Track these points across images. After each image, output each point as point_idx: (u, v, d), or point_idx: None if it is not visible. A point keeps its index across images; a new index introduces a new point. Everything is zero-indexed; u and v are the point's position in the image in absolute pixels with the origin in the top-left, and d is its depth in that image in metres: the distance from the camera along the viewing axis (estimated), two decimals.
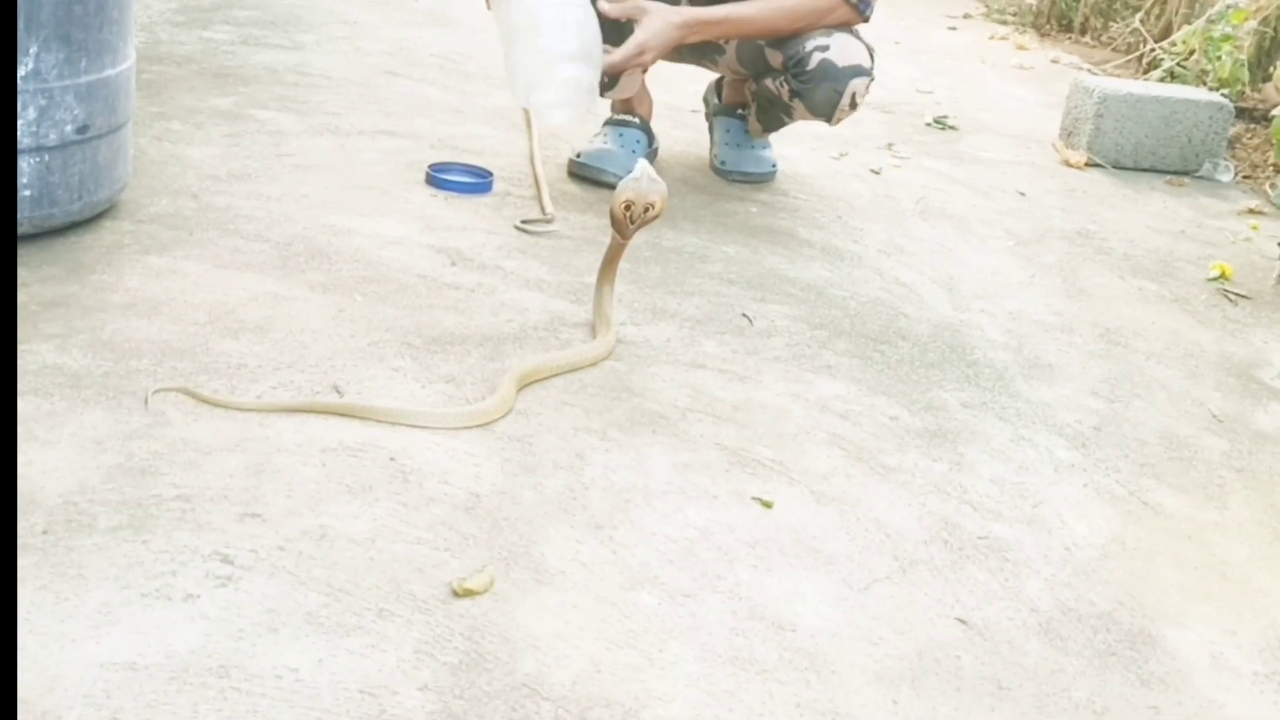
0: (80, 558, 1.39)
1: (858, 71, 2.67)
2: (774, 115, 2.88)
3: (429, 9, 4.29)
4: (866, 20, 2.71)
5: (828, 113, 2.72)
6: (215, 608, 1.35)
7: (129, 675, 1.24)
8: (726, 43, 2.83)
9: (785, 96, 2.77)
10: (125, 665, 1.25)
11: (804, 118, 2.80)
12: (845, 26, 2.69)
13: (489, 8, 2.65)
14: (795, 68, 2.69)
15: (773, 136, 3.06)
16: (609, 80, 2.68)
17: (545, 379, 1.94)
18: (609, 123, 2.93)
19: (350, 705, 1.25)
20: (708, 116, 3.17)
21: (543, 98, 2.54)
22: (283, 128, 2.87)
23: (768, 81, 2.81)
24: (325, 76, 3.33)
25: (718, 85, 3.14)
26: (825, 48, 2.65)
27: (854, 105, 2.71)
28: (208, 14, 3.77)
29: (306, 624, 1.35)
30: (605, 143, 2.88)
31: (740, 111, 3.04)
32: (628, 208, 2.10)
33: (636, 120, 2.91)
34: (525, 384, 1.90)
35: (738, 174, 3.01)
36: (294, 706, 1.24)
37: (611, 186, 2.79)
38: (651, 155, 2.96)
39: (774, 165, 3.06)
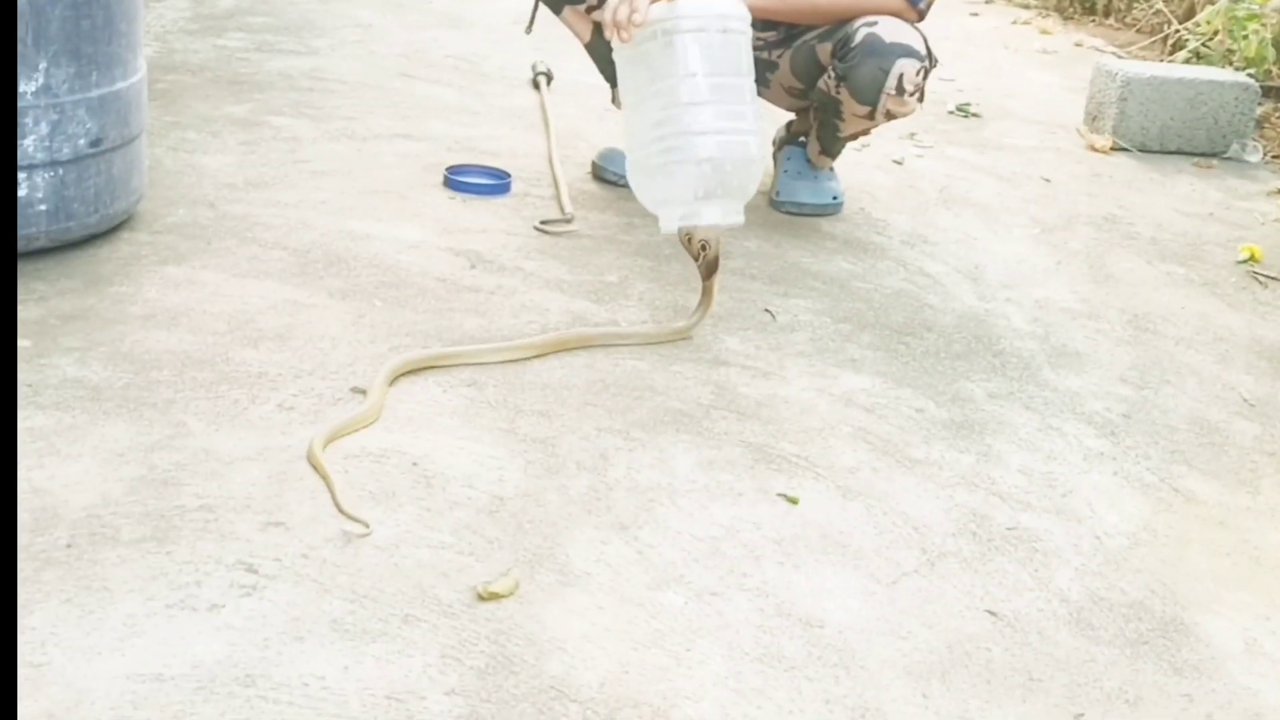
0: (104, 570, 1.39)
1: (906, 51, 2.44)
2: (829, 125, 2.65)
3: (443, 11, 4.29)
4: (921, 16, 2.52)
5: (872, 97, 2.47)
6: (240, 617, 1.35)
7: (155, 686, 1.24)
8: (779, 55, 2.65)
9: (834, 89, 2.54)
10: (152, 676, 1.25)
11: (853, 116, 2.55)
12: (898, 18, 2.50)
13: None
14: (841, 50, 2.49)
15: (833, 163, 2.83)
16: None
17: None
18: None
19: (378, 712, 1.25)
20: (774, 157, 2.89)
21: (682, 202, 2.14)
22: (298, 134, 2.87)
23: (820, 83, 2.60)
24: (340, 81, 3.33)
25: (788, 125, 2.88)
26: (873, 23, 2.46)
27: (902, 91, 2.45)
28: (221, 21, 3.78)
29: (332, 631, 1.34)
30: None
31: (803, 139, 2.80)
32: (689, 241, 2.08)
33: None
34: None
35: (791, 204, 2.76)
36: (321, 714, 1.23)
37: (617, 186, 2.78)
38: None
39: (835, 198, 2.79)
